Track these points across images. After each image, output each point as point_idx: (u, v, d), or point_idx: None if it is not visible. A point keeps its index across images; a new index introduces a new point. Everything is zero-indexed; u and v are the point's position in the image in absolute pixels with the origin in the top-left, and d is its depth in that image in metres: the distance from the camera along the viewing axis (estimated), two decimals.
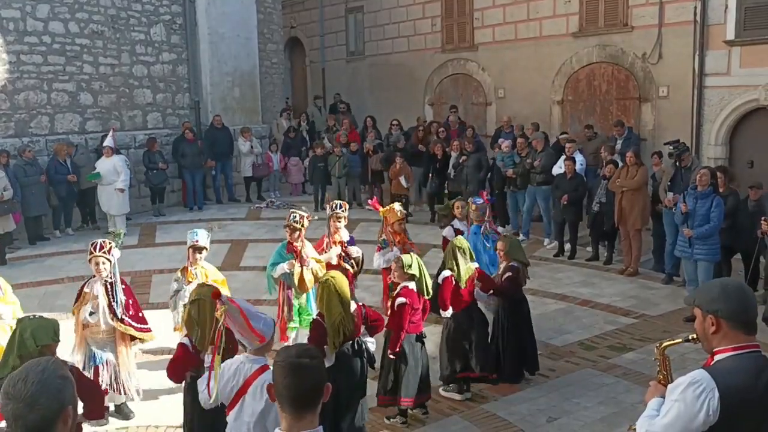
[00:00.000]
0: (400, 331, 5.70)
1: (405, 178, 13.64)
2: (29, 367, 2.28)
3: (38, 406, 2.16)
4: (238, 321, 3.81)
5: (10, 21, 12.75)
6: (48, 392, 2.19)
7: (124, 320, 5.87)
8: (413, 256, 5.93)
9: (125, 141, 14.36)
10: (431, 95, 18.13)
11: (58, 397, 2.22)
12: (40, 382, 2.20)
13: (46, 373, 2.24)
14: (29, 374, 2.22)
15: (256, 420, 3.64)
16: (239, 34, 16.28)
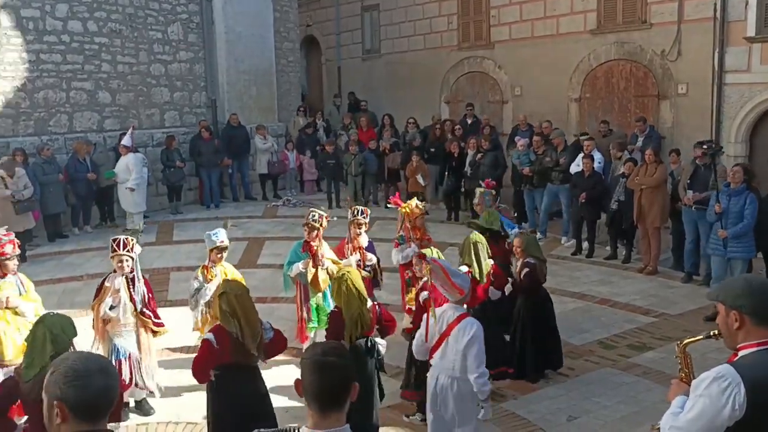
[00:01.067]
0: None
1: (422, 176, 13.62)
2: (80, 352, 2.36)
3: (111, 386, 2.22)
4: (440, 277, 4.62)
5: (30, 20, 12.86)
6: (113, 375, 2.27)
7: (144, 313, 5.90)
8: (434, 250, 5.91)
9: (143, 139, 14.44)
10: (447, 93, 18.08)
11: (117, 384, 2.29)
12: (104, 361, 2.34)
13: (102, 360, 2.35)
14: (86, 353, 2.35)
15: (461, 357, 4.61)
16: (255, 33, 16.33)
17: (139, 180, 12.64)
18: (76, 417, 2.16)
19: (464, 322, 4.68)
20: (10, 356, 5.35)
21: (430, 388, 4.84)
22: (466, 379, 4.64)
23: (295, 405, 6.03)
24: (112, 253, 5.85)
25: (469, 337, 4.59)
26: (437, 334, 4.73)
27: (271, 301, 8.84)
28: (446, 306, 4.78)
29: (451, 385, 4.71)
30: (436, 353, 4.78)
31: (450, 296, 4.72)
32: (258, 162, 16.06)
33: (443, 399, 4.75)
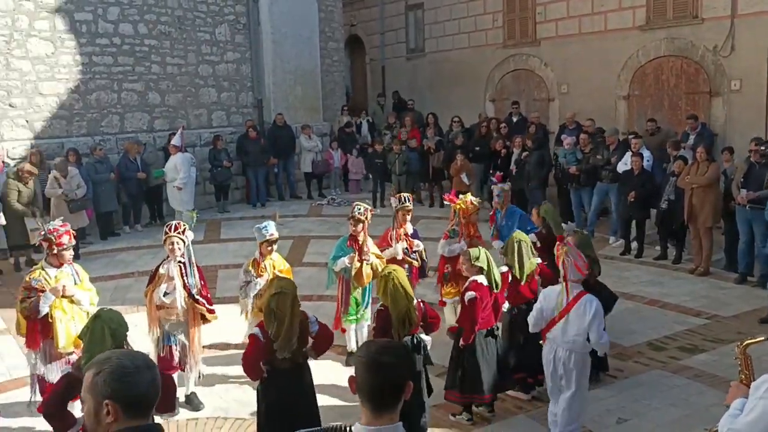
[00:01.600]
0: (472, 326, 5.66)
1: (466, 175, 13.54)
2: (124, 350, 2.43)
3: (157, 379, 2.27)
4: (572, 257, 5.13)
5: (83, 23, 13.20)
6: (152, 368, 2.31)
7: (198, 300, 6.00)
8: (481, 250, 5.86)
9: (191, 139, 14.70)
10: (492, 91, 17.95)
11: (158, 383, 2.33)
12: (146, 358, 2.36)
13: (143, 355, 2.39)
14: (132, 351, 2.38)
15: (583, 332, 5.06)
16: (301, 33, 16.46)
17: (186, 179, 12.87)
18: (127, 414, 2.20)
19: (584, 299, 5.11)
20: (63, 344, 5.47)
21: (548, 359, 5.31)
22: (581, 352, 5.16)
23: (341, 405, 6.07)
24: (164, 236, 5.95)
25: (591, 315, 5.02)
26: (557, 311, 5.17)
27: (316, 299, 8.90)
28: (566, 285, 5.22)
29: (568, 357, 5.17)
30: (555, 328, 5.20)
31: (574, 276, 5.14)
32: (303, 161, 16.21)
33: (561, 369, 5.23)
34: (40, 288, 5.41)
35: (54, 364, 5.54)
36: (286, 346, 4.71)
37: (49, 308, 5.42)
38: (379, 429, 2.33)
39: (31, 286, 5.43)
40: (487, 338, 5.76)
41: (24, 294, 5.46)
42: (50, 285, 5.46)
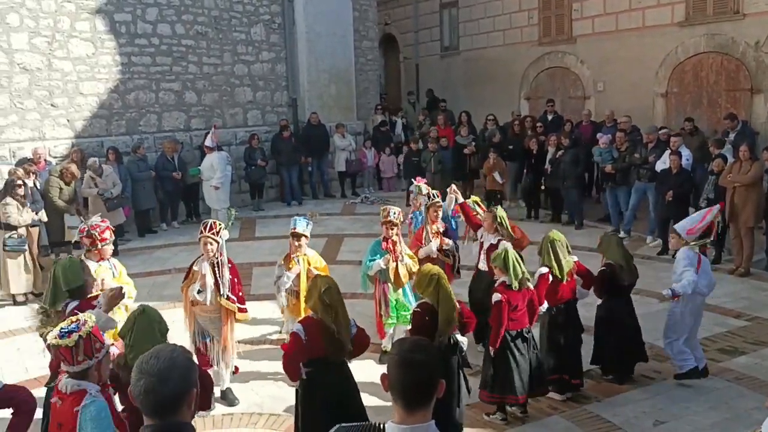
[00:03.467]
0: (498, 327, 5.64)
1: (499, 173, 13.46)
2: (160, 348, 2.45)
3: (170, 382, 2.29)
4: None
5: (122, 24, 13.43)
6: (178, 370, 2.32)
7: (229, 297, 6.06)
8: (503, 250, 5.82)
9: (226, 138, 14.87)
10: (527, 89, 17.82)
11: (186, 377, 2.34)
12: (171, 359, 2.34)
13: (176, 353, 2.39)
14: (161, 353, 2.38)
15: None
16: (335, 32, 16.52)
17: (223, 178, 13.02)
18: (145, 414, 2.33)
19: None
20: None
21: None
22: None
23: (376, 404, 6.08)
24: (200, 235, 6.03)
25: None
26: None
27: (350, 297, 8.86)
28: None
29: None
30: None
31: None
32: (336, 160, 16.28)
33: None
34: None
35: None
36: (349, 332, 4.71)
37: None
38: (412, 428, 2.33)
39: None
40: (516, 340, 5.72)
41: None
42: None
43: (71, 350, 3.54)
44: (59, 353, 3.60)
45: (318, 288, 4.73)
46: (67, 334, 3.55)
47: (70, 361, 3.57)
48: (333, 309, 4.65)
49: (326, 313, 4.67)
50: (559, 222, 12.65)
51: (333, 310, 4.65)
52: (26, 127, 12.38)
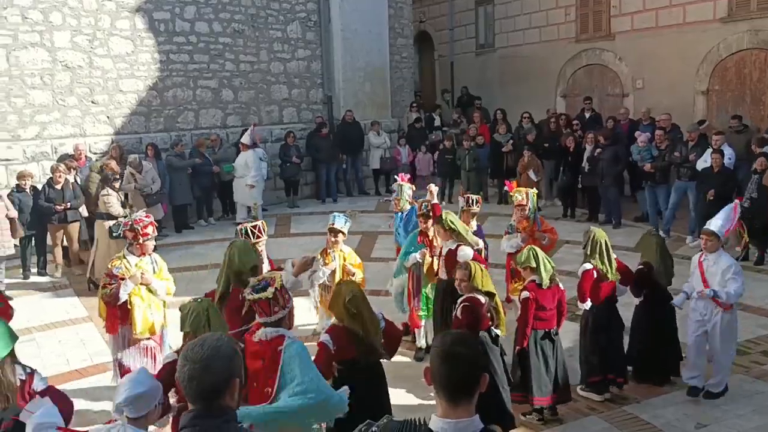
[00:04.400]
0: (525, 326, 5.59)
1: (534, 171, 13.34)
2: (206, 336, 2.49)
3: (212, 369, 2.31)
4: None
5: (161, 22, 13.61)
6: (221, 358, 2.34)
7: None
8: (531, 249, 5.76)
9: (262, 135, 14.97)
10: (564, 87, 17.62)
11: (229, 366, 2.36)
12: (215, 348, 2.37)
13: (220, 342, 2.41)
14: (206, 341, 2.41)
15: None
16: (371, 30, 16.53)
17: (257, 176, 13.12)
18: (189, 400, 2.36)
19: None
20: (140, 330, 5.68)
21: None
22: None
23: (411, 402, 6.07)
24: (255, 239, 6.06)
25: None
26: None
27: (384, 294, 8.87)
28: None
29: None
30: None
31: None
32: (371, 157, 16.30)
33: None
34: (120, 276, 5.63)
35: (131, 348, 5.75)
36: (378, 336, 4.68)
37: (128, 295, 5.63)
38: (456, 422, 2.31)
39: (112, 273, 5.66)
40: (543, 340, 5.66)
41: (106, 281, 5.71)
42: (130, 273, 5.66)
43: (269, 302, 3.99)
44: (258, 306, 4.03)
45: (342, 296, 4.68)
46: (262, 289, 4.02)
47: (267, 312, 4.01)
48: (359, 316, 4.62)
49: (353, 321, 4.63)
50: (596, 221, 12.48)
51: (359, 317, 4.62)
52: (68, 123, 12.62)
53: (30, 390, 4.02)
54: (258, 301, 4.01)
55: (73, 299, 9.47)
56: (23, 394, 3.98)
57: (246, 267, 5.24)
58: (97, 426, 3.58)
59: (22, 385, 3.98)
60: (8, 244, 9.47)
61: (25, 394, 3.99)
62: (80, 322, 8.55)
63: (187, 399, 2.39)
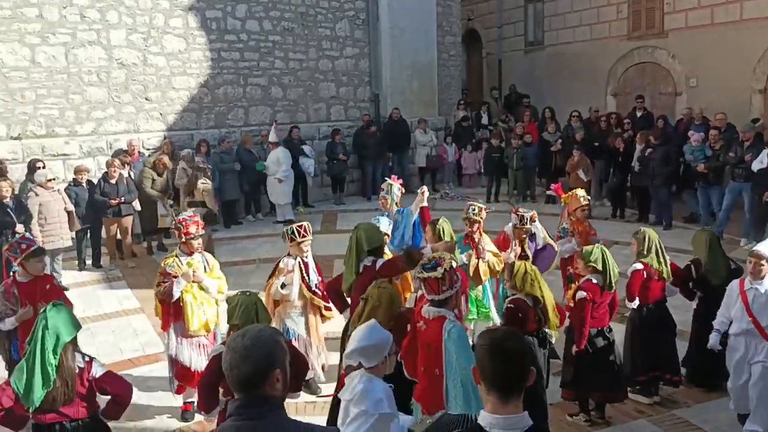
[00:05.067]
0: (581, 326, 5.53)
1: (583, 171, 13.16)
2: (250, 327, 2.56)
3: (251, 359, 2.37)
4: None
5: (213, 21, 13.85)
6: (260, 349, 2.39)
7: (316, 293, 6.19)
8: (597, 248, 5.68)
9: (310, 132, 15.13)
10: (614, 85, 17.34)
11: (268, 356, 2.41)
12: (256, 338, 2.43)
13: (262, 333, 2.47)
14: (248, 332, 2.47)
15: None
16: (419, 28, 16.52)
17: (287, 172, 13.25)
18: (231, 388, 2.44)
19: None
20: (195, 327, 5.80)
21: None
22: None
23: None
24: (301, 239, 6.16)
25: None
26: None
27: None
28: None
29: None
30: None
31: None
32: (417, 155, 16.30)
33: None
34: (173, 274, 5.76)
35: (184, 345, 5.87)
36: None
37: (181, 293, 5.76)
38: (506, 418, 2.32)
39: (165, 271, 5.80)
40: (597, 338, 5.60)
41: (159, 279, 5.85)
42: (182, 271, 5.79)
43: (438, 281, 4.20)
44: (426, 284, 4.25)
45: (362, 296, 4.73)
46: (432, 268, 4.22)
47: (436, 291, 4.23)
48: (358, 318, 4.59)
49: (356, 318, 4.63)
50: (646, 221, 12.25)
51: (358, 319, 4.58)
52: (122, 119, 12.94)
53: (88, 377, 4.17)
54: (427, 280, 4.22)
55: (126, 291, 9.72)
56: (82, 380, 4.13)
57: (373, 246, 5.52)
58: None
59: (80, 372, 4.12)
60: (66, 237, 9.78)
61: (84, 381, 4.13)
62: (132, 313, 8.78)
63: (230, 388, 2.46)
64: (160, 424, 5.96)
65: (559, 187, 8.31)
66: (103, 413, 4.35)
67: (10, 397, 3.99)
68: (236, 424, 2.37)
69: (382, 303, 4.46)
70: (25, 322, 5.48)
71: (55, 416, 4.06)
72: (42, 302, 5.38)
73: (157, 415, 6.10)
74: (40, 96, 11.96)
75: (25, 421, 4.13)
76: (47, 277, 6.13)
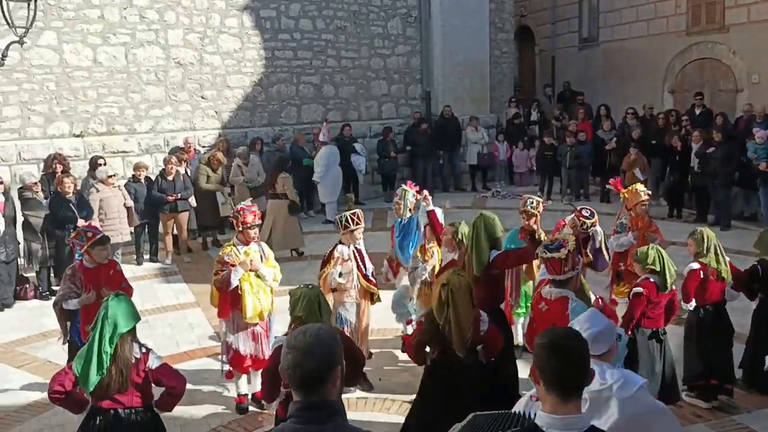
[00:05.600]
0: (629, 321, 5.42)
1: (640, 170, 12.89)
2: (309, 325, 2.57)
3: (314, 356, 2.36)
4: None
5: (267, 20, 14.05)
6: (322, 346, 2.39)
7: (370, 280, 6.29)
8: (653, 249, 5.56)
9: (361, 130, 15.21)
10: (672, 82, 16.91)
11: (330, 353, 2.41)
12: (317, 336, 2.43)
13: (321, 331, 2.48)
14: (308, 329, 2.48)
15: None
16: (471, 25, 16.43)
17: (323, 173, 13.21)
18: (290, 386, 2.41)
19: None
20: (250, 315, 5.91)
21: None
22: None
23: None
24: (354, 227, 6.26)
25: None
26: None
27: None
28: None
29: None
30: None
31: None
32: (468, 153, 16.22)
33: None
34: (231, 262, 5.88)
35: (241, 333, 5.99)
36: (460, 345, 4.57)
37: (238, 281, 5.87)
38: (564, 418, 2.29)
39: (223, 260, 5.93)
40: (651, 340, 5.48)
41: (217, 267, 5.98)
42: (240, 260, 5.90)
43: (561, 262, 4.38)
44: (549, 264, 4.45)
45: (440, 282, 4.72)
46: (556, 249, 4.38)
47: (558, 271, 4.42)
48: (446, 310, 4.55)
49: (438, 309, 4.60)
50: (704, 222, 11.94)
51: (446, 311, 4.55)
52: (179, 118, 13.24)
53: (145, 367, 4.28)
54: (551, 260, 4.38)
55: (182, 285, 9.95)
56: (137, 370, 4.24)
57: (496, 235, 5.51)
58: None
59: (137, 363, 4.23)
60: (125, 232, 10.07)
61: (139, 371, 4.25)
62: (188, 307, 8.98)
63: (292, 388, 2.44)
64: (214, 416, 6.08)
65: (619, 182, 8.19)
66: (156, 404, 4.45)
67: (71, 380, 4.14)
68: (297, 427, 2.36)
69: (462, 289, 4.50)
70: (88, 307, 5.68)
71: (110, 403, 4.18)
72: (106, 288, 5.62)
73: (211, 406, 6.22)
74: (101, 95, 12.33)
75: (85, 404, 4.27)
76: (111, 262, 6.32)
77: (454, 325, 4.53)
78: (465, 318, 4.53)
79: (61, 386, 4.14)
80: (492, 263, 5.44)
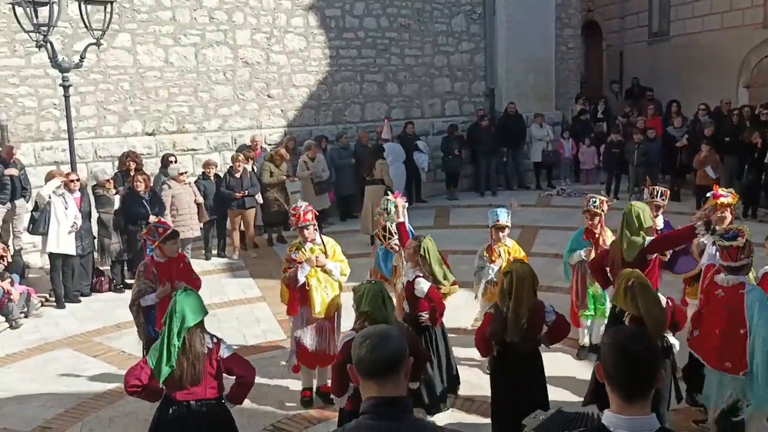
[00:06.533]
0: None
1: (712, 168, 12.47)
2: (376, 326, 2.70)
3: (389, 343, 2.39)
4: None
5: (332, 19, 14.20)
6: (392, 340, 2.42)
7: None
8: None
9: (424, 128, 15.21)
10: (747, 77, 16.29)
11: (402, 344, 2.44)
12: (387, 328, 2.56)
13: (389, 327, 2.59)
14: (377, 327, 2.60)
15: None
16: (536, 21, 16.21)
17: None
18: (363, 378, 2.40)
19: None
20: (318, 310, 6.01)
21: None
22: None
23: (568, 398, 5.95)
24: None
25: None
26: None
27: (545, 290, 8.71)
28: None
29: None
30: None
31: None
32: (533, 150, 16.03)
33: None
34: (297, 260, 6.00)
35: (308, 328, 6.10)
36: (514, 330, 4.76)
37: (305, 278, 5.98)
38: (630, 419, 2.26)
39: (290, 258, 6.06)
40: None
41: (285, 265, 6.12)
42: (306, 257, 6.01)
43: (737, 250, 4.69)
44: (726, 252, 4.76)
45: (503, 271, 4.96)
46: (733, 237, 4.74)
47: (734, 258, 4.72)
48: (510, 296, 4.77)
49: (501, 297, 4.85)
50: None
51: (509, 297, 4.77)
52: (246, 116, 13.52)
53: (216, 357, 4.41)
54: (728, 248, 4.68)
55: (249, 280, 10.17)
56: (210, 360, 4.37)
57: (645, 226, 5.74)
58: None
59: (209, 353, 4.36)
60: (195, 227, 10.37)
61: (212, 361, 4.38)
62: (255, 302, 9.18)
63: (364, 377, 2.42)
64: (280, 409, 6.20)
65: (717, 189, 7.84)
66: (228, 397, 4.57)
67: (147, 373, 4.30)
68: (372, 423, 2.37)
69: (526, 276, 4.77)
70: (163, 300, 5.89)
71: (184, 394, 4.32)
72: (178, 280, 5.81)
73: (278, 400, 6.35)
74: (172, 94, 12.71)
75: (161, 394, 4.43)
76: (181, 256, 6.54)
77: (512, 312, 4.76)
78: (524, 304, 4.75)
79: (138, 380, 4.30)
80: (648, 247, 5.75)
